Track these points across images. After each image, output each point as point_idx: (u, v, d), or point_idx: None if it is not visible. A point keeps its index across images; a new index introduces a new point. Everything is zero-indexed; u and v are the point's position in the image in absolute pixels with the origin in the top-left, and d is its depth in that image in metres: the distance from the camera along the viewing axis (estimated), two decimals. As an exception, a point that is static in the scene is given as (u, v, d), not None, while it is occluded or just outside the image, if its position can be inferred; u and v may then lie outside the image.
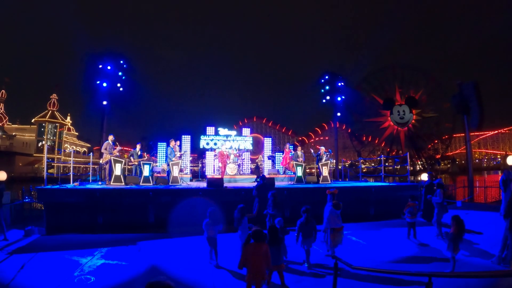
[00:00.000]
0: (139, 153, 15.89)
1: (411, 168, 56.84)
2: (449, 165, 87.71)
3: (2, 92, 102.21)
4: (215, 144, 19.99)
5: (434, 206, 10.73)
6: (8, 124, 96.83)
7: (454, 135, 77.35)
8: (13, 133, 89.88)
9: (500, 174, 13.17)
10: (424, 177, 19.35)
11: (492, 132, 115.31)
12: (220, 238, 8.12)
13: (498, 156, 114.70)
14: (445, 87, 63.10)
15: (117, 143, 15.37)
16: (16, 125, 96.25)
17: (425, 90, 64.66)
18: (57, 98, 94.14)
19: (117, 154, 15.02)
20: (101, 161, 15.46)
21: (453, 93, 22.03)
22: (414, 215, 10.40)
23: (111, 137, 15.13)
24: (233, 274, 7.12)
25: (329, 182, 16.60)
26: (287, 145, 19.55)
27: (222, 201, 12.18)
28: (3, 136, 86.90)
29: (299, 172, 16.48)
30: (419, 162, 67.54)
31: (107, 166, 14.60)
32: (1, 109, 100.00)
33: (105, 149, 14.80)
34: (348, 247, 9.40)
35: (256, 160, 24.82)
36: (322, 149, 18.11)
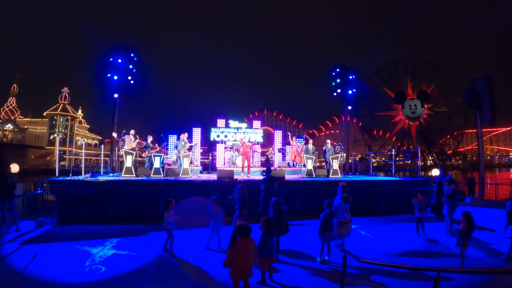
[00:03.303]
0: (150, 145, 16.00)
1: (422, 163, 56.36)
2: (460, 161, 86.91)
3: (14, 86, 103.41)
4: (226, 136, 20.07)
5: (444, 202, 10.66)
6: (20, 118, 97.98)
7: (466, 131, 76.55)
8: (25, 127, 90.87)
9: (512, 171, 13.03)
10: (436, 172, 19.21)
11: (505, 129, 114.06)
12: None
13: (510, 153, 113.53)
14: (458, 82, 62.52)
15: (137, 136, 15.51)
16: (28, 119, 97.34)
17: (437, 84, 64.06)
18: (68, 91, 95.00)
19: (134, 146, 15.13)
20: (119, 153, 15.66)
21: (466, 88, 21.78)
22: (423, 210, 10.35)
23: (132, 132, 15.33)
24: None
25: (340, 176, 16.53)
26: (294, 138, 19.47)
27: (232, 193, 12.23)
28: (16, 129, 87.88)
29: (309, 165, 16.43)
30: (430, 158, 67.06)
31: (124, 159, 14.75)
32: (13, 103, 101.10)
33: (127, 141, 15.08)
34: (357, 241, 9.38)
35: (267, 153, 24.76)
36: (328, 142, 18.08)
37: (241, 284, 5.34)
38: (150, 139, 16.16)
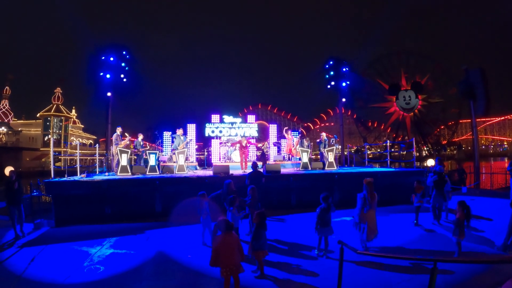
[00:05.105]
0: (141, 143, 16.09)
1: (417, 154, 56.57)
2: (455, 151, 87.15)
3: (6, 88, 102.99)
4: (220, 131, 20.03)
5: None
6: (13, 120, 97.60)
7: (461, 121, 76.81)
8: (19, 129, 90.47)
9: (506, 160, 13.09)
10: (431, 162, 19.28)
11: (499, 118, 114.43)
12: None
13: (505, 143, 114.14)
14: (452, 73, 62.60)
15: (126, 134, 15.54)
16: (22, 121, 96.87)
17: (431, 75, 64.01)
18: (61, 92, 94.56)
19: (127, 143, 15.18)
20: (112, 152, 15.70)
21: (460, 79, 21.88)
22: (420, 199, 10.47)
23: (119, 129, 15.41)
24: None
25: (335, 168, 16.60)
26: (289, 131, 19.52)
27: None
28: (9, 132, 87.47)
29: (305, 158, 16.48)
30: (425, 148, 67.17)
31: (115, 157, 14.78)
32: (6, 105, 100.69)
33: (115, 140, 15.12)
34: (353, 233, 9.41)
35: (262, 147, 24.79)
36: (323, 135, 18.20)
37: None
38: (140, 137, 16.29)
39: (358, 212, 8.03)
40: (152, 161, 14.72)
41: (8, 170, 10.52)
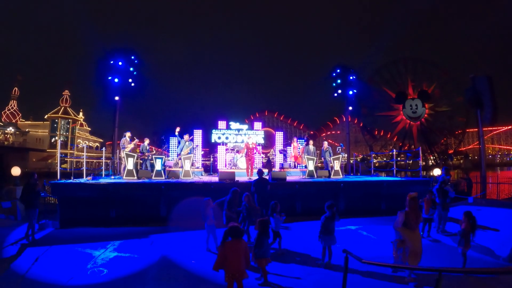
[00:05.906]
0: (147, 147, 16.17)
1: (424, 163, 56.22)
2: (461, 161, 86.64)
3: (15, 89, 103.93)
4: (227, 138, 20.07)
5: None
6: (21, 121, 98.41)
7: (467, 130, 76.36)
8: (27, 130, 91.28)
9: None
10: (437, 172, 19.15)
11: (506, 128, 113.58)
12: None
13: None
14: (459, 81, 62.36)
15: (134, 138, 15.70)
16: (29, 122, 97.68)
17: (438, 83, 63.73)
18: (69, 94, 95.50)
19: (133, 147, 15.30)
20: (119, 155, 15.85)
21: (466, 87, 21.77)
22: (432, 211, 10.44)
23: (128, 134, 15.62)
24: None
25: (341, 177, 16.55)
26: (295, 139, 19.57)
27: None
28: (17, 132, 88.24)
29: (311, 166, 16.43)
30: (432, 157, 66.80)
31: (122, 161, 14.89)
32: (14, 106, 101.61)
33: (122, 144, 15.27)
34: (358, 242, 9.38)
35: (268, 154, 24.75)
36: (325, 144, 18.25)
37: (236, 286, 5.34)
38: (146, 141, 16.38)
39: (398, 225, 6.87)
40: (158, 165, 14.76)
41: (16, 170, 10.59)
